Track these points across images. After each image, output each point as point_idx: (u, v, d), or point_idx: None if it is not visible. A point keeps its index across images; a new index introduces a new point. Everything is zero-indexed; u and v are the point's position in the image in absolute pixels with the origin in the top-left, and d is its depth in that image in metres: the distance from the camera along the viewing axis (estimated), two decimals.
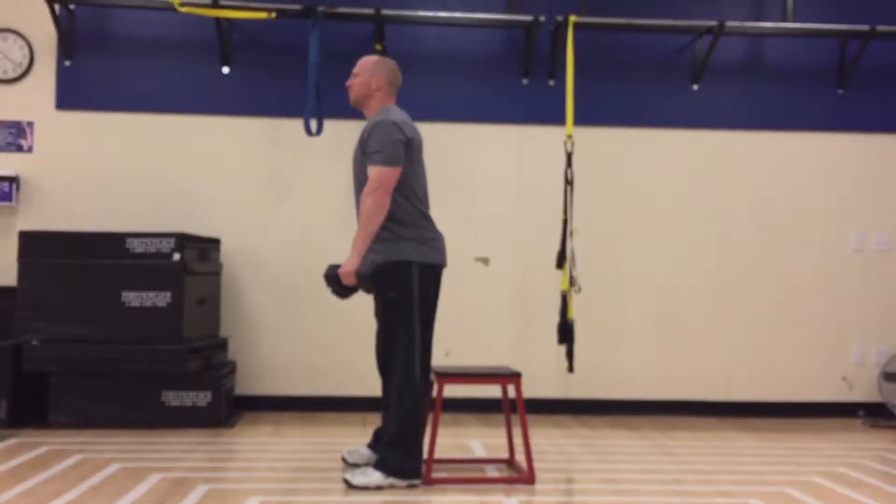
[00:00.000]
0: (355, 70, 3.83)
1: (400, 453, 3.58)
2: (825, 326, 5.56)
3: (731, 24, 5.30)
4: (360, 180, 3.70)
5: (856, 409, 5.54)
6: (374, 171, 3.56)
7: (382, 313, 3.78)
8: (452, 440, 4.50)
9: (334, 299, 5.34)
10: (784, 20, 5.48)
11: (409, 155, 3.65)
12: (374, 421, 4.40)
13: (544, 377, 5.34)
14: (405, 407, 3.58)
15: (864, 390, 5.57)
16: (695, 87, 5.55)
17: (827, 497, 3.58)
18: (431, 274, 3.67)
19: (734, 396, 5.51)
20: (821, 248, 5.59)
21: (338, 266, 3.64)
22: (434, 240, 3.71)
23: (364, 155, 3.64)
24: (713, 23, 5.28)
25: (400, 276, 3.59)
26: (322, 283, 5.30)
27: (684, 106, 5.55)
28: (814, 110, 5.59)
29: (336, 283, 3.64)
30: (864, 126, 5.61)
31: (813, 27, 5.40)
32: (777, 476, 3.93)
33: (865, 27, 5.35)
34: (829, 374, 5.56)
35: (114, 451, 4.12)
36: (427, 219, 3.73)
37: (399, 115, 3.72)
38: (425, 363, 3.66)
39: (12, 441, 4.28)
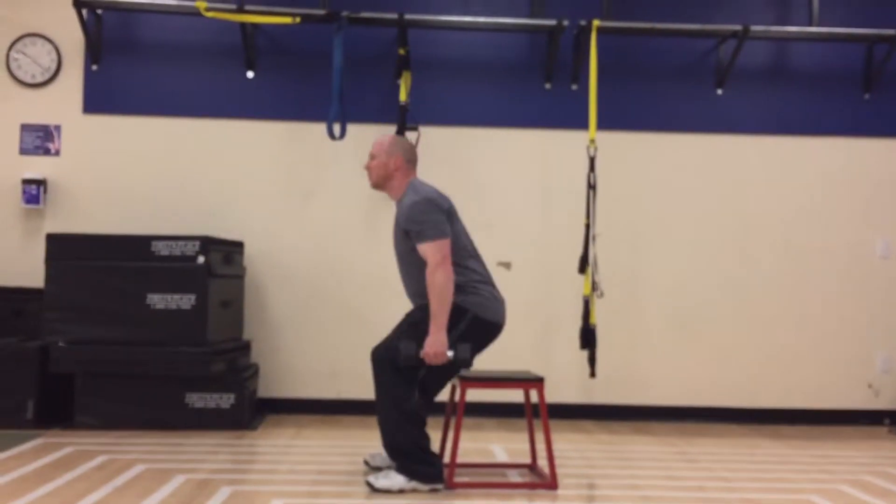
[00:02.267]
0: (372, 152, 3.84)
1: (417, 460, 3.58)
2: (851, 333, 5.51)
3: (755, 28, 5.27)
4: (404, 259, 3.73)
5: (882, 417, 5.48)
6: (429, 248, 3.56)
7: (404, 329, 3.72)
8: (475, 444, 4.49)
9: (356, 303, 5.40)
10: (809, 24, 5.44)
11: (451, 227, 3.67)
12: None
13: (567, 382, 5.32)
14: (400, 419, 3.56)
15: (890, 398, 5.50)
16: (719, 91, 5.52)
17: None
18: (485, 327, 3.64)
19: (758, 403, 5.47)
20: (846, 255, 5.53)
21: (411, 344, 3.53)
22: (495, 299, 3.70)
23: (406, 236, 3.65)
24: (738, 27, 5.25)
25: (451, 317, 3.56)
26: (344, 285, 5.39)
27: (708, 110, 5.52)
28: (839, 115, 5.55)
29: (414, 363, 3.53)
30: (890, 131, 5.56)
31: (839, 31, 5.36)
32: (803, 484, 3.89)
33: (892, 31, 5.31)
34: (855, 381, 5.50)
35: (138, 452, 4.15)
36: (484, 280, 3.72)
37: (427, 189, 3.73)
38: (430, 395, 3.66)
39: (38, 441, 4.32)
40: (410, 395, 3.57)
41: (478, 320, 3.62)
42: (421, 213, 3.60)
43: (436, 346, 3.49)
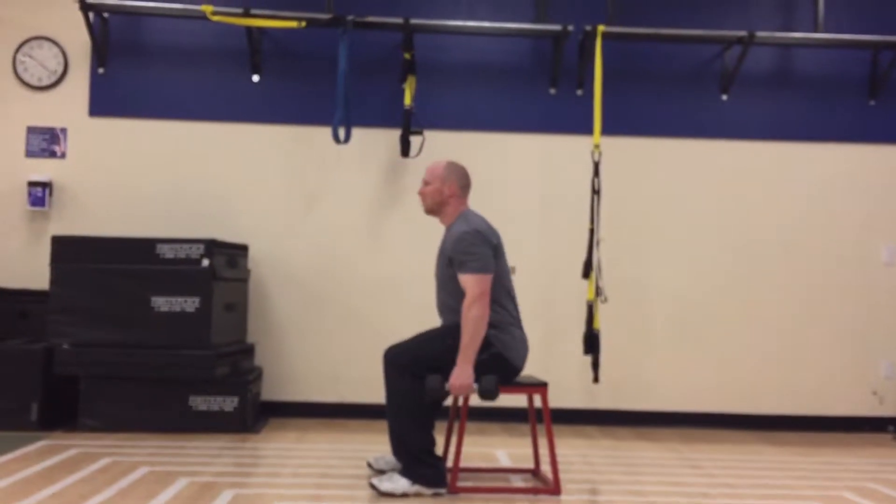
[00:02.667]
0: (426, 178, 3.85)
1: (421, 463, 3.59)
2: (855, 340, 5.50)
3: (761, 34, 5.27)
4: (444, 286, 3.74)
5: (886, 425, 5.47)
6: (470, 280, 3.57)
7: (428, 337, 3.75)
8: (478, 449, 4.49)
9: (360, 307, 5.40)
10: (815, 30, 5.43)
11: (496, 263, 3.69)
12: None
13: (570, 387, 5.32)
14: (409, 421, 3.59)
15: (894, 405, 5.49)
16: (724, 97, 5.52)
17: None
18: (502, 366, 3.65)
19: (762, 409, 5.46)
20: (851, 261, 5.52)
21: (437, 377, 3.55)
22: (519, 343, 3.72)
23: (450, 264, 3.67)
24: (743, 33, 5.25)
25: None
26: (348, 289, 5.40)
27: (713, 116, 5.52)
28: (844, 121, 5.55)
29: (439, 395, 3.57)
30: (894, 138, 5.55)
31: (844, 38, 5.35)
32: (806, 491, 3.88)
33: None
34: (859, 388, 5.49)
35: (142, 454, 4.16)
36: (515, 323, 3.75)
37: (479, 221, 3.75)
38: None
39: (42, 443, 4.33)
40: (420, 396, 3.58)
41: (499, 358, 3.64)
42: (469, 244, 3.62)
43: (462, 378, 3.53)
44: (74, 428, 4.68)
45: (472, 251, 3.60)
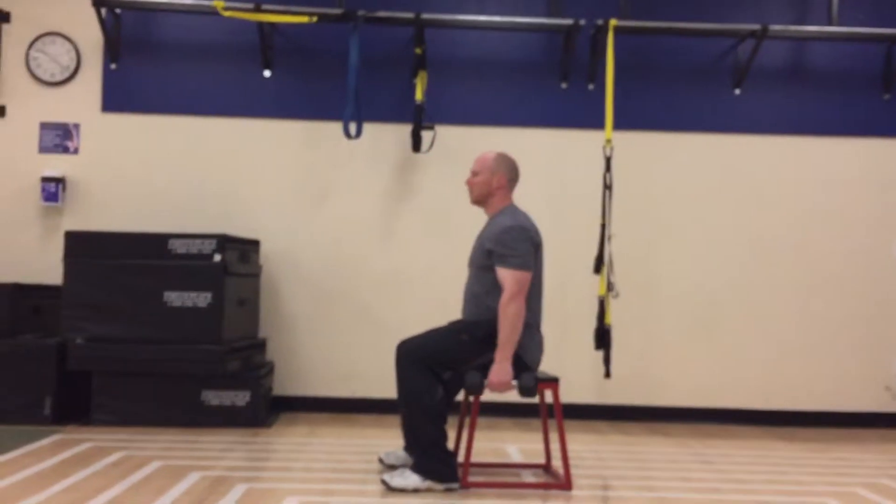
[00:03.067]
0: (474, 168, 3.85)
1: (434, 458, 3.59)
2: (867, 335, 5.47)
3: (774, 27, 5.23)
4: (478, 276, 3.73)
5: None
6: (510, 275, 3.58)
7: (441, 331, 3.75)
8: (489, 444, 4.49)
9: (371, 302, 5.41)
10: (829, 24, 5.39)
11: (535, 261, 3.69)
12: None
13: (581, 382, 5.31)
14: (424, 415, 3.59)
15: None
16: (737, 91, 5.49)
17: None
18: (517, 366, 3.64)
19: (774, 405, 5.44)
20: (863, 256, 5.49)
21: (476, 373, 3.56)
22: (537, 346, 3.75)
23: (489, 255, 3.65)
24: (756, 26, 5.22)
25: (495, 343, 3.59)
26: (359, 283, 5.40)
27: (726, 111, 5.49)
28: (858, 115, 5.50)
29: (479, 390, 3.58)
30: None
31: (858, 31, 5.31)
32: (819, 487, 3.87)
33: None
34: (872, 383, 5.46)
35: (154, 449, 4.18)
36: (537, 325, 3.77)
37: (525, 219, 3.75)
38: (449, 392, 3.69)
39: (56, 438, 4.36)
40: (434, 391, 3.59)
41: (515, 358, 3.63)
42: (513, 239, 3.62)
43: (501, 375, 3.54)
44: (88, 422, 4.71)
45: (515, 247, 3.60)
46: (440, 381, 3.62)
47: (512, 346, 3.55)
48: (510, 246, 3.60)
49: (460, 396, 3.97)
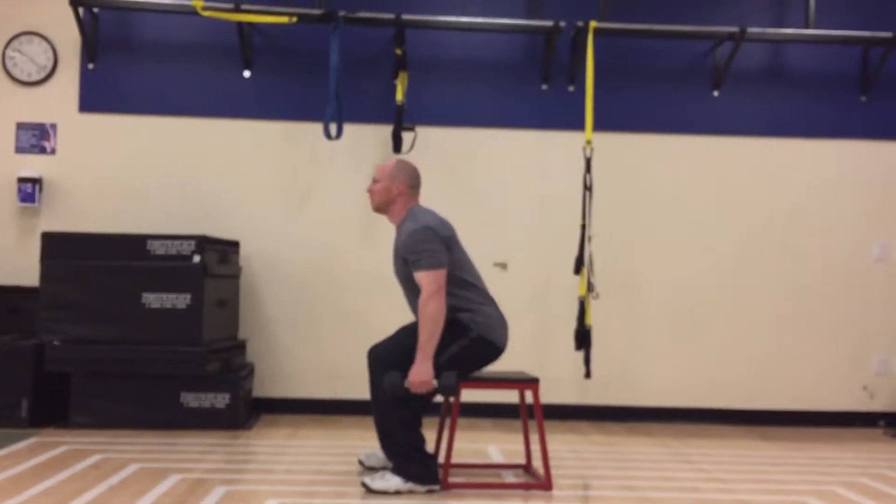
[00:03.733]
0: (375, 176, 3.84)
1: (413, 460, 3.58)
2: (846, 336, 5.52)
3: (752, 30, 5.28)
4: (407, 286, 3.73)
5: (877, 420, 5.49)
6: (424, 277, 3.56)
7: (406, 336, 3.72)
8: (470, 445, 4.49)
9: (352, 303, 5.40)
10: (806, 27, 5.44)
11: (451, 254, 3.67)
12: None
13: (562, 383, 5.32)
14: (398, 419, 3.58)
15: (885, 400, 5.52)
16: (715, 93, 5.53)
17: None
18: (485, 348, 3.65)
19: (754, 405, 5.48)
20: (842, 257, 5.54)
21: (397, 374, 3.53)
22: (498, 321, 3.71)
23: (406, 263, 3.66)
24: (734, 29, 5.26)
25: (454, 332, 3.59)
26: (340, 284, 5.39)
27: (705, 112, 5.53)
28: (835, 117, 5.56)
29: (400, 391, 3.53)
30: (886, 134, 5.57)
31: (835, 34, 5.37)
32: (798, 486, 3.90)
33: (888, 34, 5.32)
34: (851, 383, 5.51)
35: (133, 451, 4.15)
36: (489, 302, 3.74)
37: (427, 217, 3.72)
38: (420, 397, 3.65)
39: (33, 440, 4.32)
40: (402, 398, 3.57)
41: (480, 340, 3.64)
42: (418, 241, 3.60)
43: (421, 375, 3.51)
44: (65, 425, 4.67)
45: (422, 248, 3.59)
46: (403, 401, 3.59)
47: (432, 346, 3.53)
48: (418, 249, 3.59)
49: (440, 398, 3.97)
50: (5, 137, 5.33)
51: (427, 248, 3.59)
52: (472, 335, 3.62)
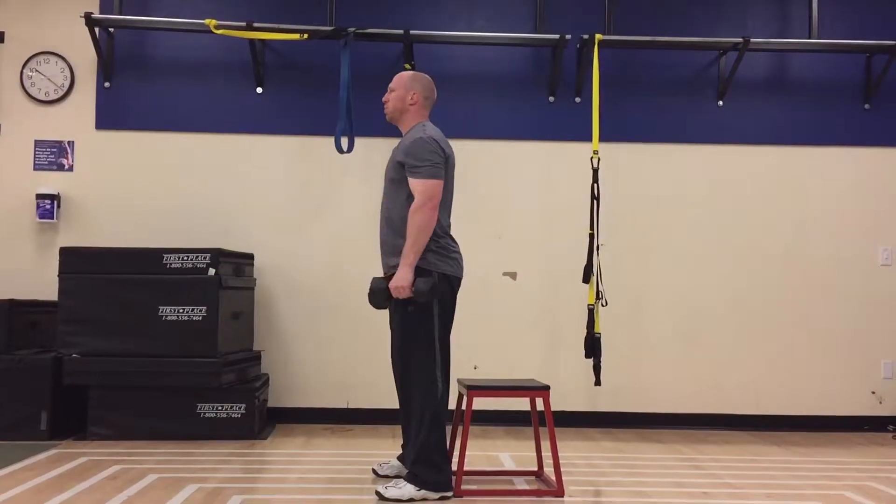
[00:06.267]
0: (391, 85, 3.92)
1: (430, 467, 3.63)
2: (854, 341, 5.54)
3: (756, 40, 5.33)
4: (390, 194, 3.79)
5: (886, 424, 5.51)
6: (420, 185, 3.63)
7: (399, 324, 3.79)
8: (482, 452, 4.54)
9: (365, 313, 5.44)
10: (809, 36, 5.50)
11: (445, 172, 3.73)
12: None
13: (572, 390, 5.37)
14: (427, 421, 3.63)
15: (894, 405, 5.53)
16: (720, 103, 5.58)
17: None
18: (449, 286, 3.73)
19: (763, 410, 5.50)
20: (848, 263, 5.57)
21: (382, 279, 3.68)
22: (455, 253, 3.79)
23: (401, 167, 3.71)
24: (738, 39, 5.31)
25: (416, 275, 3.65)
26: (353, 296, 5.44)
27: (709, 122, 5.58)
28: (839, 125, 5.60)
29: (383, 296, 3.68)
30: (890, 141, 5.61)
31: (838, 42, 5.42)
32: (807, 490, 3.93)
33: (891, 42, 5.37)
34: (859, 388, 5.53)
35: (151, 461, 4.21)
36: (449, 234, 3.81)
37: (435, 131, 3.80)
38: (446, 375, 3.71)
39: (52, 452, 4.38)
40: (434, 396, 3.63)
41: (442, 278, 3.68)
42: (423, 149, 3.66)
43: (399, 280, 3.60)
44: (84, 436, 4.74)
45: (425, 157, 3.64)
46: (437, 382, 3.64)
47: (416, 254, 3.59)
48: (421, 156, 3.64)
49: (452, 405, 4.02)
50: (24, 155, 5.43)
51: (429, 158, 3.65)
52: (435, 280, 3.64)
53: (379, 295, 3.71)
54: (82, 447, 4.52)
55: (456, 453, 3.82)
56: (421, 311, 3.66)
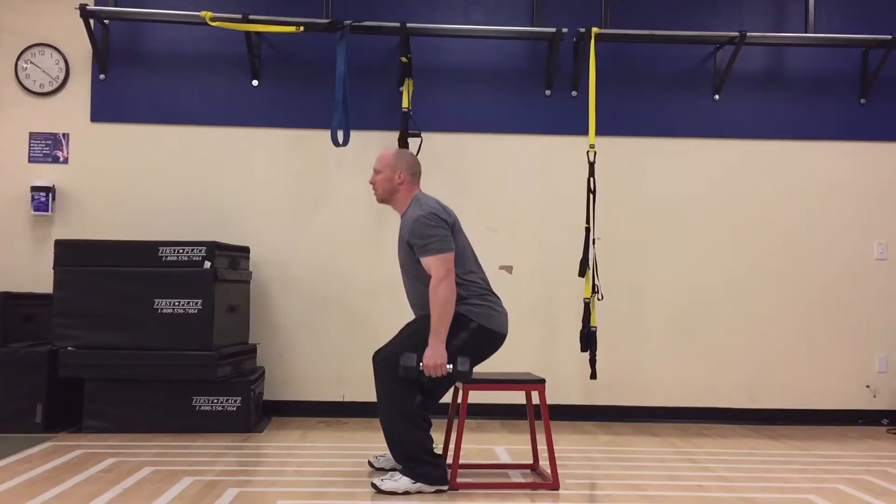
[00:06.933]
0: (376, 167, 3.89)
1: (421, 462, 3.63)
2: (849, 335, 5.56)
3: (752, 34, 5.33)
4: (409, 272, 3.78)
5: (880, 418, 5.53)
6: (433, 262, 3.61)
7: (409, 338, 3.73)
8: (477, 446, 4.55)
9: (360, 307, 5.47)
10: (805, 30, 5.50)
11: (454, 237, 3.72)
12: None
13: (568, 384, 5.38)
14: (405, 425, 3.61)
15: (888, 399, 5.55)
16: (716, 97, 5.59)
17: None
18: (487, 337, 3.70)
19: (758, 404, 5.52)
20: (844, 257, 5.59)
21: (411, 356, 3.56)
22: (500, 309, 3.76)
23: (410, 249, 3.70)
24: (735, 33, 5.31)
25: (455, 325, 3.62)
26: (349, 289, 5.46)
27: (706, 116, 5.59)
28: (835, 120, 5.61)
29: (414, 373, 3.56)
30: (886, 135, 5.62)
31: (834, 37, 5.42)
32: (802, 483, 3.94)
33: (887, 36, 5.37)
34: (854, 382, 5.55)
35: (146, 454, 4.21)
36: (488, 291, 3.78)
37: (432, 203, 3.78)
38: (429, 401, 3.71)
39: (48, 445, 4.38)
40: (412, 397, 3.63)
41: (482, 330, 3.68)
42: (425, 226, 3.65)
43: (434, 357, 3.55)
44: (79, 429, 4.74)
45: (429, 233, 3.64)
46: (417, 386, 3.65)
47: (445, 328, 3.57)
48: (425, 234, 3.64)
49: (448, 399, 4.03)
50: (19, 147, 5.42)
51: (434, 233, 3.64)
52: (472, 326, 3.66)
53: (411, 372, 3.57)
54: (77, 440, 4.52)
55: (451, 446, 3.83)
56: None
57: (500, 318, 3.76)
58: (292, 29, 5.16)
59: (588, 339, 4.87)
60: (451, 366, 3.58)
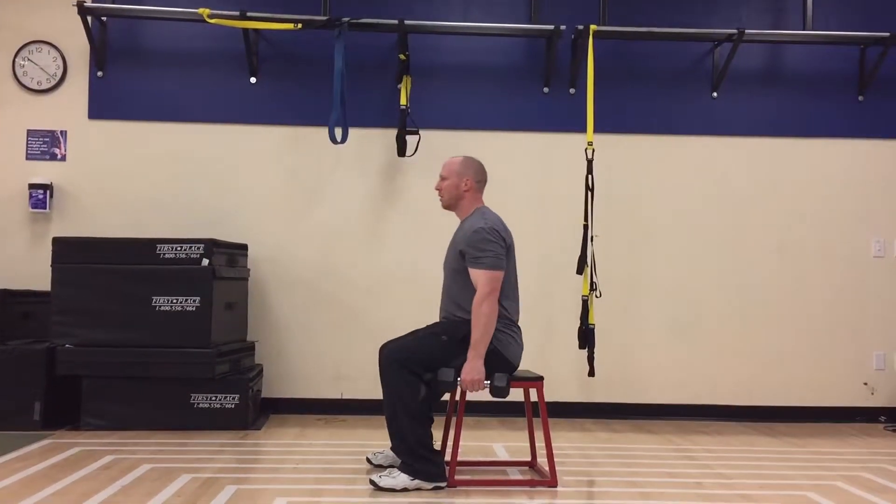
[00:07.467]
0: (442, 173, 3.91)
1: (421, 459, 3.64)
2: (847, 332, 5.57)
3: (750, 31, 5.33)
4: (452, 278, 3.79)
5: (877, 415, 5.54)
6: (483, 276, 3.62)
7: (423, 339, 3.77)
8: (476, 443, 4.55)
9: (359, 304, 5.46)
10: (804, 28, 5.50)
11: (507, 260, 3.74)
12: None
13: (566, 381, 5.38)
14: (408, 420, 3.63)
15: (886, 396, 5.56)
16: (714, 94, 5.59)
17: (850, 502, 3.59)
18: (500, 362, 3.70)
19: (756, 401, 5.53)
20: (841, 255, 5.59)
21: (449, 371, 3.60)
22: (516, 342, 3.78)
23: (462, 257, 3.71)
24: (733, 31, 5.32)
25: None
26: (347, 286, 5.46)
27: (703, 113, 5.59)
28: (833, 117, 5.61)
29: (451, 387, 3.64)
30: (884, 133, 5.63)
31: (833, 34, 5.43)
32: (799, 480, 3.95)
33: (885, 34, 5.37)
34: (851, 379, 5.56)
35: (144, 452, 4.21)
36: (514, 322, 3.80)
37: (495, 218, 3.81)
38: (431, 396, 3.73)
39: (46, 442, 4.38)
40: (417, 392, 3.64)
41: (497, 354, 3.69)
42: (484, 240, 3.67)
43: (473, 373, 3.58)
44: (77, 427, 4.74)
45: (486, 248, 3.66)
46: (422, 382, 3.66)
47: (484, 345, 3.60)
48: (481, 247, 3.66)
49: (446, 397, 4.03)
50: (16, 145, 5.41)
51: (491, 248, 3.66)
52: (489, 348, 3.67)
53: (447, 387, 3.66)
54: (76, 437, 4.52)
55: (450, 443, 3.83)
56: (452, 346, 3.65)
57: (516, 350, 3.79)
58: (290, 26, 5.16)
59: (586, 337, 4.87)
60: (490, 382, 3.62)
